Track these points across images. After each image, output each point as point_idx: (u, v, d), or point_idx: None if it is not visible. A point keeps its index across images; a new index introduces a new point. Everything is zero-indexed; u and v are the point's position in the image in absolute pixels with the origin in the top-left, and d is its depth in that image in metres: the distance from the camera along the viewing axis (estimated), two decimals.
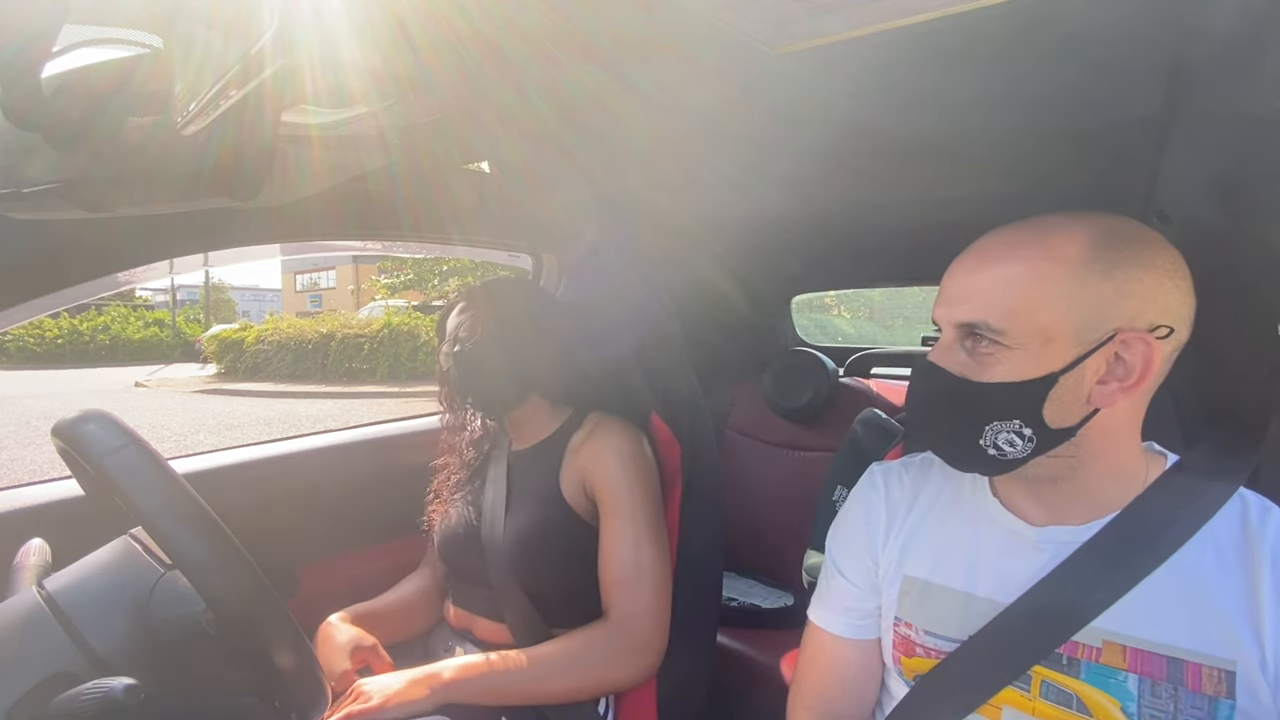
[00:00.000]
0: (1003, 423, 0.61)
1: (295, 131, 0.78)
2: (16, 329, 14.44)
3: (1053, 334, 0.59)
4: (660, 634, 0.98)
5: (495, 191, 1.25)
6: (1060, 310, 0.58)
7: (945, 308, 0.65)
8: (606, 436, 1.06)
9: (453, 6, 0.65)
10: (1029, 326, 0.59)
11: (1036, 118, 0.95)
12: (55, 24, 0.50)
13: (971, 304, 0.62)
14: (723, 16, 0.71)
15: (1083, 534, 0.64)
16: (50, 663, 0.59)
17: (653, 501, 1.04)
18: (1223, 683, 0.57)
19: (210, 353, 12.69)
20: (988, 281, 0.61)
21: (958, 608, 0.69)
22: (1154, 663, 0.59)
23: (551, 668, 0.94)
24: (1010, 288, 0.60)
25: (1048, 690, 0.63)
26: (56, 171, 0.64)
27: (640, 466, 1.05)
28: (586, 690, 0.96)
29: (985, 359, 0.61)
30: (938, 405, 0.66)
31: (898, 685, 0.75)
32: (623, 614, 0.97)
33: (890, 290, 3.07)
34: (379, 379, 10.77)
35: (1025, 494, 0.69)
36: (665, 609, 0.99)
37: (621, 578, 0.98)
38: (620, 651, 0.95)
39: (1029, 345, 0.59)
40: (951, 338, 0.64)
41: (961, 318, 0.62)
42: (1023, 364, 0.60)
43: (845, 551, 0.80)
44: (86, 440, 0.63)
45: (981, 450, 0.62)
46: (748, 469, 1.90)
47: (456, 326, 1.09)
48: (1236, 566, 0.59)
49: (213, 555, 0.60)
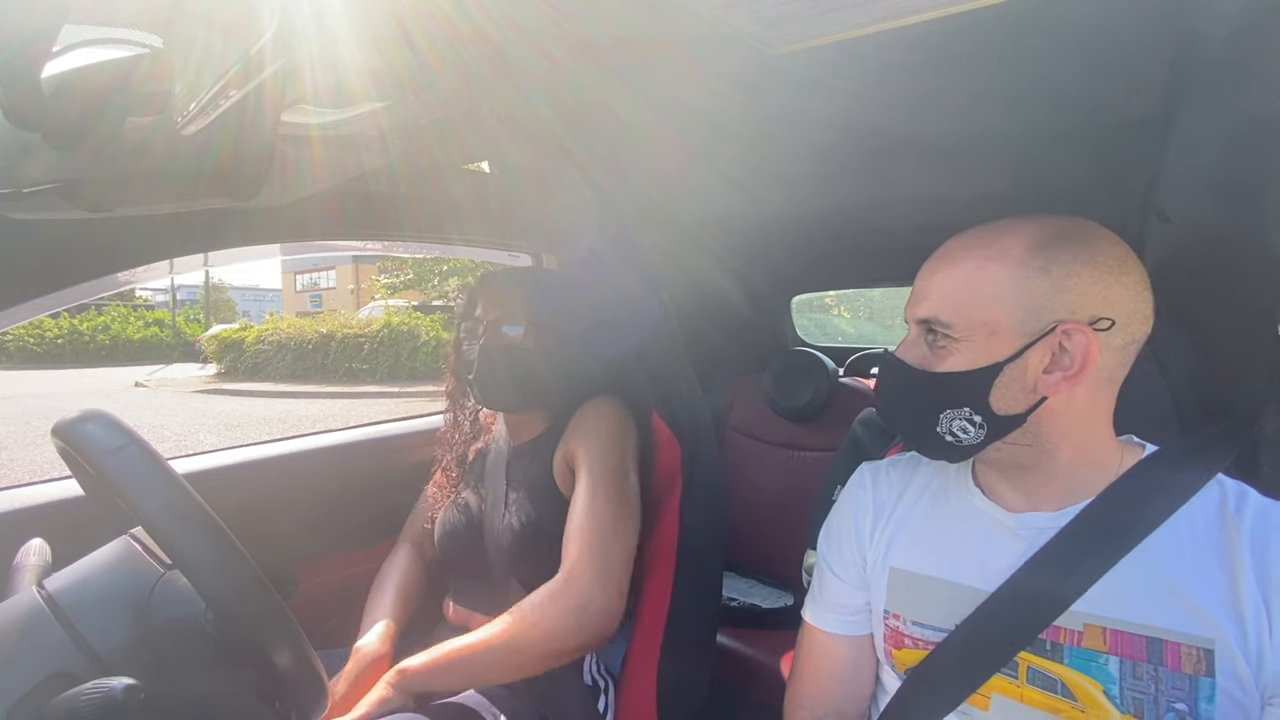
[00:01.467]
0: (955, 410, 0.66)
1: (295, 131, 0.78)
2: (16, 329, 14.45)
3: (996, 326, 0.63)
4: (604, 594, 0.92)
5: (495, 191, 1.25)
6: (1002, 305, 0.63)
7: (910, 306, 0.71)
8: (589, 409, 1.07)
9: (453, 6, 0.65)
10: (974, 320, 0.64)
11: (1036, 118, 0.95)
12: (55, 24, 0.50)
13: (927, 302, 0.67)
14: (723, 17, 0.71)
15: (1059, 520, 0.66)
16: (50, 663, 0.59)
17: (620, 465, 1.02)
18: (1202, 661, 0.58)
19: (210, 353, 12.71)
20: (941, 281, 0.67)
21: (943, 597, 0.70)
22: (1134, 644, 0.60)
23: (508, 634, 0.90)
24: (958, 286, 0.65)
25: (1034, 676, 0.65)
26: (56, 171, 0.63)
27: (614, 432, 1.03)
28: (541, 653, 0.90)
29: (940, 352, 0.66)
30: (897, 394, 0.72)
31: (891, 679, 0.76)
32: (566, 570, 0.93)
33: (890, 290, 3.06)
34: (379, 379, 10.77)
35: (1002, 481, 0.71)
36: (613, 569, 0.94)
37: (571, 534, 0.96)
38: (563, 608, 0.90)
39: (975, 337, 0.64)
40: (915, 333, 0.70)
41: (919, 314, 0.68)
42: (970, 355, 0.64)
43: (835, 549, 0.82)
44: (86, 440, 0.63)
45: (939, 437, 0.67)
46: (748, 469, 1.90)
47: (493, 318, 1.06)
48: (1213, 548, 0.61)
49: (213, 555, 0.60)
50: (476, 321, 1.07)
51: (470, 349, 1.06)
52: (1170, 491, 0.64)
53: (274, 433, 6.79)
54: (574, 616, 0.90)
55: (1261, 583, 0.58)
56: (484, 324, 1.06)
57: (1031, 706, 0.64)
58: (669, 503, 1.11)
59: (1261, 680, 0.57)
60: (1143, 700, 0.59)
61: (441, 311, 13.45)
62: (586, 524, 0.95)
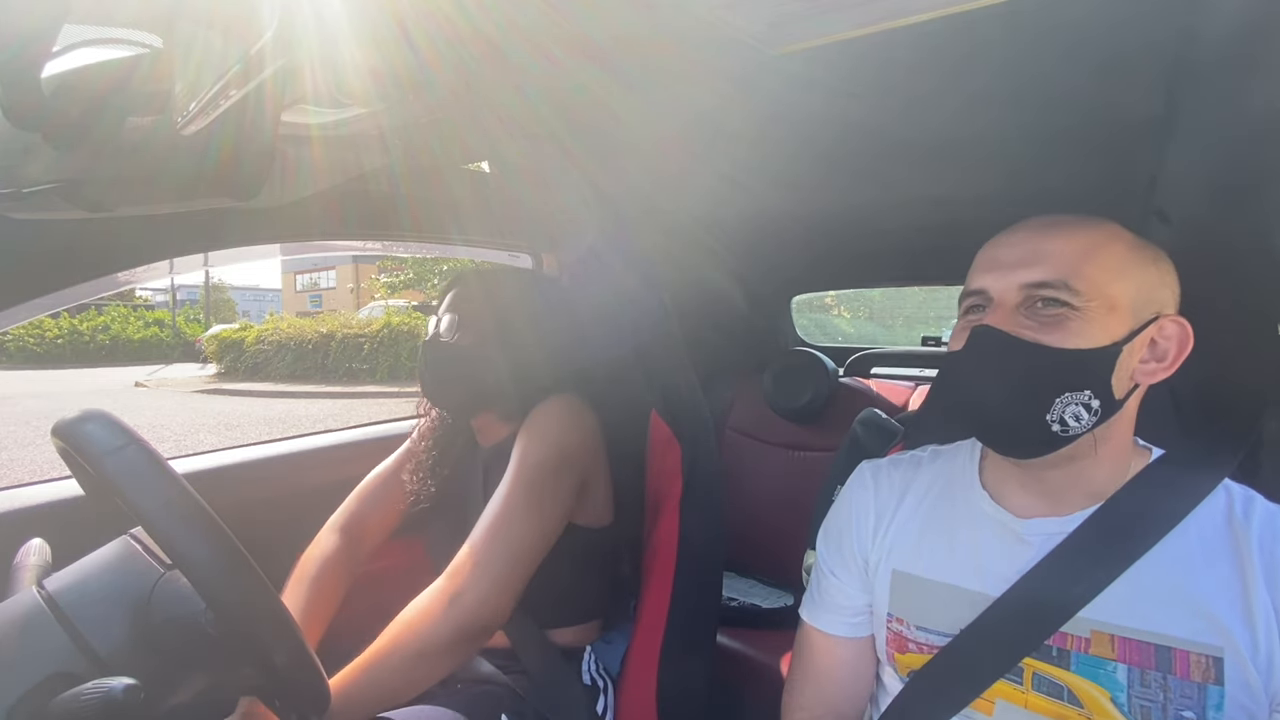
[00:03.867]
0: (1074, 393, 0.59)
1: (295, 131, 0.78)
2: (16, 329, 14.44)
3: (1117, 303, 0.61)
4: (482, 586, 0.87)
5: (495, 191, 1.25)
6: (1125, 282, 0.61)
7: (1004, 272, 0.63)
8: (538, 410, 1.03)
9: (453, 6, 0.65)
10: (1103, 291, 0.60)
11: (1036, 118, 0.95)
12: (55, 24, 0.50)
13: (1047, 264, 0.61)
14: (722, 17, 0.71)
15: (1068, 525, 0.65)
16: (50, 663, 0.59)
17: (542, 455, 0.97)
18: (1211, 669, 0.57)
19: (210, 353, 12.71)
20: (1064, 245, 0.62)
21: (948, 602, 0.69)
22: (1142, 651, 0.60)
23: (386, 640, 0.84)
24: (1087, 252, 0.61)
25: (1039, 683, 0.64)
26: (56, 171, 0.63)
27: (553, 431, 0.99)
28: (416, 650, 0.84)
29: (1054, 321, 0.60)
30: (1003, 375, 0.62)
31: (892, 681, 0.75)
32: (452, 565, 0.90)
33: (890, 290, 3.07)
34: (379, 379, 10.77)
35: (1015, 484, 0.69)
36: (496, 562, 0.89)
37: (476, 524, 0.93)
38: (435, 599, 0.87)
39: (1097, 312, 0.60)
40: (1011, 303, 0.62)
41: (1035, 277, 0.61)
42: (1090, 330, 0.60)
43: (835, 550, 0.80)
44: (86, 440, 0.63)
45: (1045, 427, 0.60)
46: (748, 469, 1.90)
47: (445, 317, 1.06)
48: (1222, 555, 0.60)
49: (212, 555, 0.60)
50: (435, 319, 1.08)
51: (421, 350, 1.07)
52: (1179, 496, 0.63)
53: (274, 433, 6.79)
54: (445, 606, 0.85)
55: (1272, 589, 0.57)
56: (436, 320, 1.07)
57: (1037, 713, 0.64)
58: (669, 503, 1.11)
59: (1271, 688, 0.56)
60: (1150, 708, 0.59)
61: None
62: (485, 518, 0.93)
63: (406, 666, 0.83)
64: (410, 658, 0.83)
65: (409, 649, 0.84)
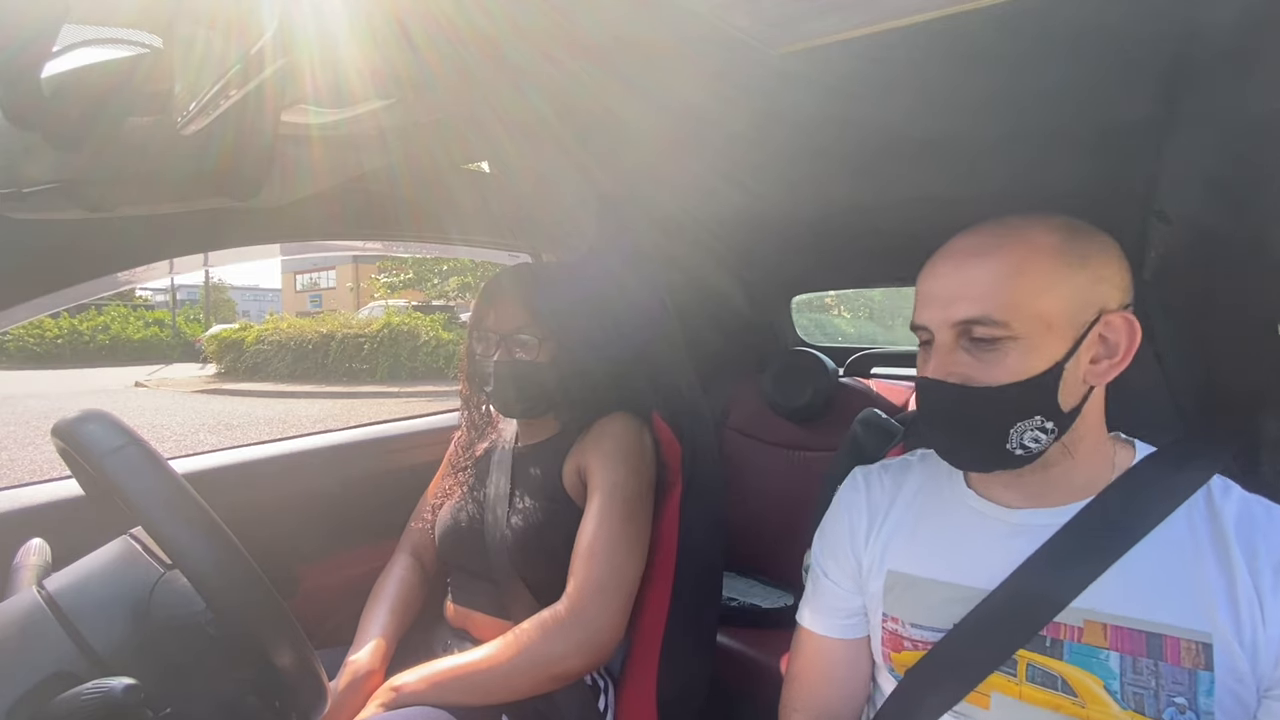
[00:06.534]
0: (1025, 421, 0.62)
1: (295, 131, 0.78)
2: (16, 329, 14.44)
3: (1052, 320, 0.61)
4: (607, 620, 0.92)
5: (495, 191, 1.25)
6: (1054, 296, 0.61)
7: (938, 309, 0.65)
8: (607, 426, 1.06)
9: (453, 6, 0.65)
10: (1029, 314, 0.61)
11: (1036, 118, 0.95)
12: (55, 24, 0.50)
13: (967, 300, 0.62)
14: (723, 16, 0.71)
15: (1060, 516, 0.66)
16: (50, 663, 0.59)
17: (636, 487, 1.01)
18: (1200, 655, 0.58)
19: (210, 353, 12.70)
20: (981, 276, 0.62)
21: (942, 598, 0.70)
22: (1134, 639, 0.61)
23: (506, 656, 0.90)
24: (1004, 280, 0.61)
25: (1033, 674, 0.64)
26: (56, 171, 0.64)
27: (632, 452, 1.03)
28: (542, 677, 0.91)
29: (992, 356, 0.62)
30: (955, 424, 0.66)
31: (888, 681, 0.76)
32: (570, 595, 0.93)
33: (890, 290, 3.07)
34: (379, 379, 10.77)
35: (999, 485, 0.71)
36: (617, 595, 0.94)
37: (578, 556, 0.96)
38: (565, 634, 0.91)
39: (1032, 334, 0.61)
40: (950, 340, 0.64)
41: (960, 315, 0.63)
42: (1028, 355, 0.61)
43: (829, 553, 0.81)
44: (86, 440, 0.63)
45: (1009, 453, 0.63)
46: (748, 469, 1.90)
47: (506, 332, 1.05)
48: (1207, 542, 0.61)
49: (212, 555, 0.60)
50: (488, 333, 1.07)
51: (485, 362, 1.07)
52: (1170, 490, 0.64)
53: (274, 433, 6.79)
54: (575, 643, 0.91)
55: (1254, 575, 0.58)
56: (497, 337, 1.06)
57: (1031, 704, 0.64)
58: (669, 503, 1.11)
59: (1258, 672, 0.57)
60: (1143, 695, 0.60)
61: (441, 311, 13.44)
62: (594, 549, 0.96)
63: (520, 686, 0.91)
64: (534, 682, 0.91)
65: (531, 673, 0.90)
